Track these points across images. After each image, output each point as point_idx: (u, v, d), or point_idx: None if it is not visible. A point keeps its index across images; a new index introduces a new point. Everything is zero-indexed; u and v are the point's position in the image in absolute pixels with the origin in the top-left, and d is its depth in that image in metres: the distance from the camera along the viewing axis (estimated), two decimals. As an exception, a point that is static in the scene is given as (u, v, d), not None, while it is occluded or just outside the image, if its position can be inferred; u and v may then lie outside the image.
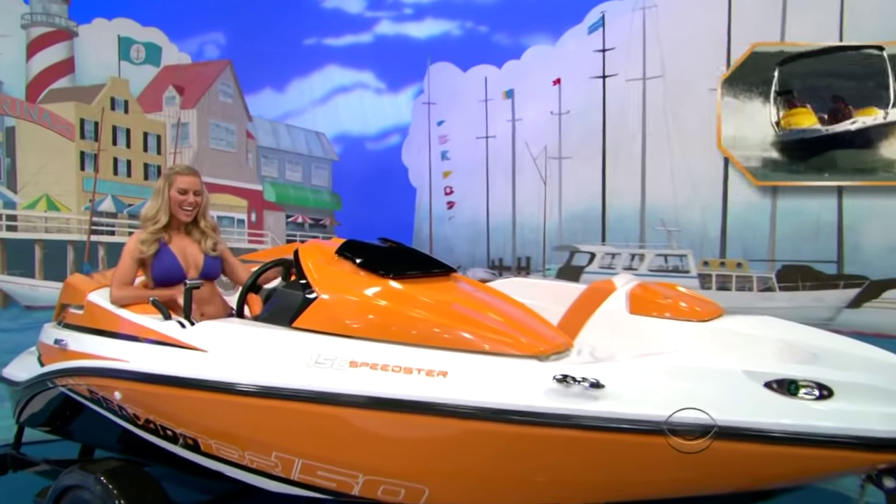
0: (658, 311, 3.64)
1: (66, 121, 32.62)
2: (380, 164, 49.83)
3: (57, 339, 4.30)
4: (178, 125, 36.84)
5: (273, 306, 3.47)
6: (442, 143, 45.86)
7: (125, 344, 3.69)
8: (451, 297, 3.28)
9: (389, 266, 3.36)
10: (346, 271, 3.36)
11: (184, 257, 3.98)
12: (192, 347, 3.36)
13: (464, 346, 2.91)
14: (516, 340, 2.94)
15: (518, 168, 39.39)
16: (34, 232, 29.86)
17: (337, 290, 3.25)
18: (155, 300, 3.66)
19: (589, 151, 32.44)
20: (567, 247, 28.65)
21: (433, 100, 45.91)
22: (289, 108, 51.85)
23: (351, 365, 2.93)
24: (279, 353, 3.11)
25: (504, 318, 3.16)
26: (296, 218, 47.17)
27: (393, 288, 3.23)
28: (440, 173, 46.23)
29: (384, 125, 54.52)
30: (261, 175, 44.74)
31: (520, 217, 39.32)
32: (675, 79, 26.86)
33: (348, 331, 3.08)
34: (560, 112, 36.16)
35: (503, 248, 40.12)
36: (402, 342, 2.96)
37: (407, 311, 3.07)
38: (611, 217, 31.29)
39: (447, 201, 46.81)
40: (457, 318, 3.05)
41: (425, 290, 3.24)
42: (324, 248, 3.60)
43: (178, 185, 3.96)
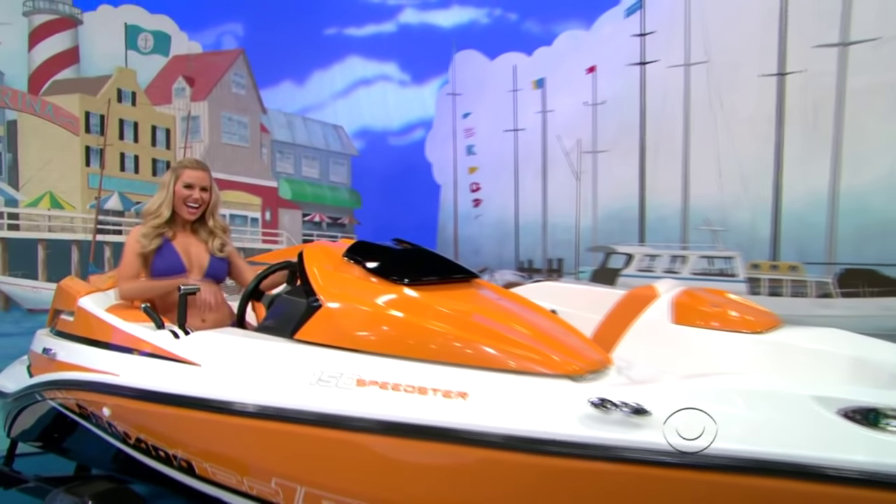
0: (706, 321, 3.54)
1: (70, 114, 33.02)
2: (402, 160, 50.50)
3: (45, 348, 4.27)
4: (188, 118, 37.23)
5: (274, 315, 3.39)
6: (468, 136, 46.33)
7: (115, 355, 3.63)
8: (472, 307, 3.15)
9: (403, 271, 3.25)
10: (355, 277, 3.26)
11: (187, 256, 3.91)
12: (184, 361, 3.29)
13: (486, 364, 2.77)
14: (546, 357, 2.79)
15: (549, 163, 39.50)
16: (37, 231, 30.23)
17: (344, 297, 3.14)
18: (147, 307, 3.58)
19: (626, 145, 32.12)
20: (602, 248, 28.48)
21: (459, 90, 46.25)
22: (309, 101, 52.61)
23: (358, 384, 2.82)
24: (278, 368, 3.03)
25: (532, 330, 3.01)
26: (313, 216, 47.72)
27: (407, 296, 3.11)
28: (466, 169, 46.66)
29: (408, 119, 55.00)
30: (275, 171, 45.33)
31: (551, 216, 39.59)
32: (723, 64, 26.29)
33: (356, 344, 2.97)
34: (595, 102, 35.96)
35: (533, 248, 40.43)
36: (416, 358, 2.85)
37: (422, 322, 2.94)
38: (650, 216, 31.08)
39: (473, 199, 47.42)
40: (479, 330, 2.91)
41: (443, 299, 3.12)
42: (330, 250, 3.50)
43: (184, 179, 3.91)
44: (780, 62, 26.67)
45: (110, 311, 3.92)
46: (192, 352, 3.32)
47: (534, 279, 37.17)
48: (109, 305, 3.99)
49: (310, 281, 3.24)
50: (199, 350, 3.32)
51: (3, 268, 27.83)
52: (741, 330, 3.46)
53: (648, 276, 23.32)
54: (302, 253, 3.44)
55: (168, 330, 3.49)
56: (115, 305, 3.99)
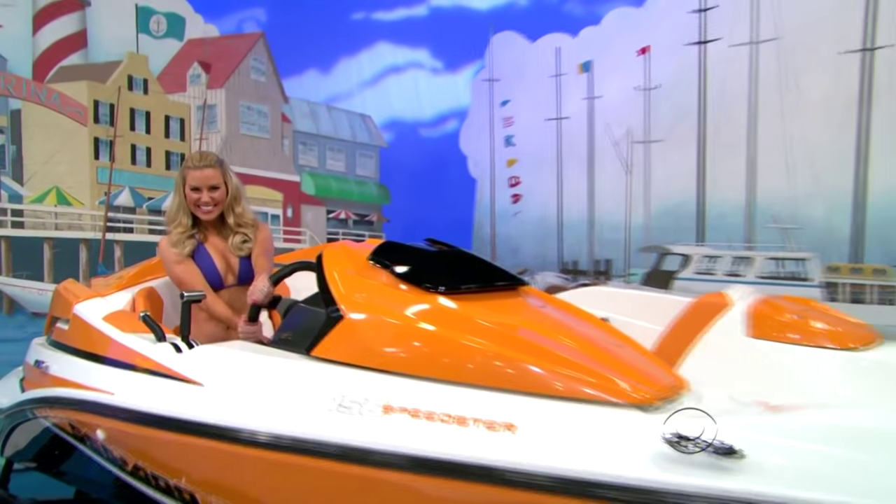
0: (788, 335, 3.41)
1: (77, 103, 33.35)
2: (434, 153, 50.59)
3: (38, 360, 4.30)
4: (204, 107, 37.49)
5: (289, 327, 3.33)
6: (506, 126, 46.28)
7: (110, 371, 3.59)
8: (520, 320, 3.05)
9: (438, 277, 3.16)
10: (382, 283, 3.18)
11: (222, 260, 3.95)
12: (185, 379, 3.22)
13: (538, 390, 2.63)
14: (610, 382, 2.64)
15: (596, 154, 39.33)
16: (43, 229, 30.56)
17: (368, 307, 3.05)
18: (146, 315, 3.52)
19: (683, 133, 31.79)
20: (655, 248, 28.26)
21: (496, 76, 46.22)
22: (334, 90, 53.02)
23: (385, 411, 2.70)
24: (291, 390, 2.94)
25: (592, 349, 2.88)
26: (338, 213, 47.92)
27: (442, 307, 3.02)
28: (504, 162, 46.63)
29: (440, 109, 55.22)
30: (298, 164, 45.50)
31: (598, 212, 39.49)
32: (796, 41, 25.70)
33: (383, 363, 2.86)
34: (647, 87, 35.69)
35: (578, 248, 40.37)
36: (453, 381, 2.72)
37: (461, 338, 2.82)
38: (710, 212, 30.81)
39: (512, 194, 47.41)
40: (528, 349, 2.78)
41: (486, 311, 3.02)
42: (354, 251, 3.45)
43: (189, 181, 3.91)
44: (866, 36, 26.03)
45: (108, 319, 3.87)
46: (194, 369, 3.24)
47: (579, 282, 36.89)
48: (108, 313, 3.96)
49: (329, 287, 3.15)
50: (202, 367, 3.24)
51: (6, 268, 28.19)
52: (831, 346, 3.31)
53: (708, 280, 23.05)
54: (321, 255, 3.36)
55: (169, 343, 3.42)
56: (115, 313, 3.96)
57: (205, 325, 3.87)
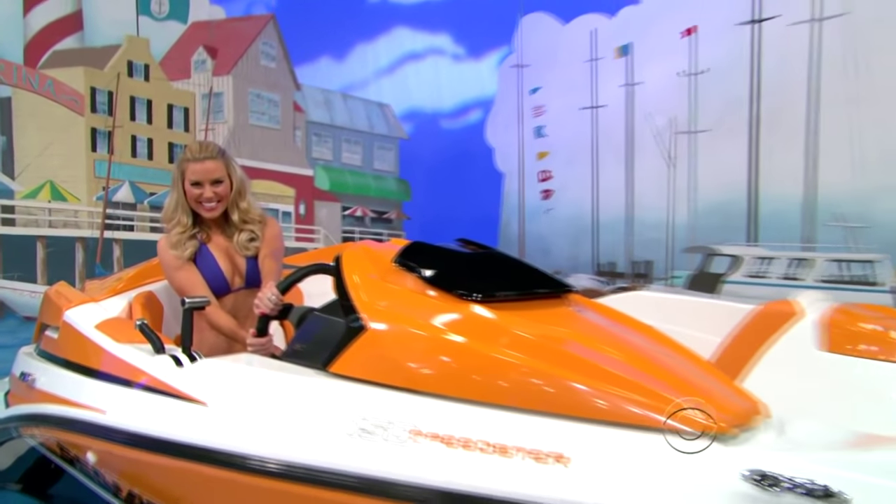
0: (868, 349, 3.33)
1: (73, 90, 33.58)
2: (457, 145, 50.53)
3: (24, 373, 4.30)
4: (209, 95, 37.65)
5: (303, 338, 3.29)
6: (536, 115, 46.20)
7: (102, 387, 3.55)
8: (567, 333, 2.96)
9: (473, 282, 3.09)
10: (409, 290, 3.12)
11: (227, 261, 3.94)
12: (185, 397, 3.17)
13: (591, 415, 2.56)
14: (676, 407, 2.54)
15: (636, 146, 39.19)
16: (35, 227, 30.78)
17: (394, 317, 2.99)
18: (142, 324, 3.47)
19: (733, 122, 31.54)
20: (701, 248, 28.22)
21: (525, 61, 46.11)
22: (349, 79, 53.10)
23: (414, 436, 2.64)
24: (306, 412, 2.89)
25: (654, 367, 2.77)
26: (354, 210, 48.00)
27: (478, 317, 2.94)
28: (534, 155, 46.49)
29: (463, 98, 55.14)
30: (311, 157, 45.57)
31: (638, 210, 39.37)
32: (866, 17, 25.35)
33: (411, 382, 2.80)
34: (693, 72, 35.44)
35: (615, 249, 40.31)
36: (493, 404, 2.65)
37: (500, 353, 2.74)
38: (763, 209, 30.64)
39: (543, 190, 47.30)
40: (579, 366, 2.70)
41: (529, 321, 2.94)
42: (376, 253, 3.42)
43: (189, 175, 3.87)
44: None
45: (101, 328, 3.83)
46: (196, 385, 3.19)
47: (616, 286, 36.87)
48: (101, 320, 3.93)
49: (349, 294, 3.11)
50: (206, 383, 3.20)
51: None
52: None
53: (761, 284, 22.92)
54: (340, 257, 3.32)
55: (169, 355, 3.36)
56: (109, 321, 3.93)
57: (208, 335, 3.84)
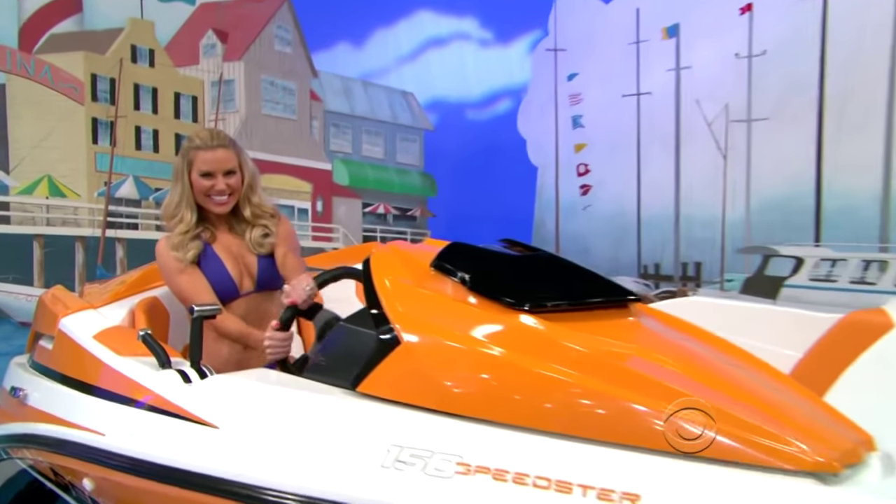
0: None
1: (72, 77, 33.75)
2: (486, 137, 50.52)
3: (14, 387, 4.25)
4: (220, 83, 37.76)
5: (328, 351, 3.24)
6: (573, 104, 46.06)
7: (101, 405, 3.48)
8: (634, 349, 2.84)
9: (523, 289, 3.00)
10: (449, 297, 3.02)
11: (234, 261, 3.86)
12: (194, 419, 3.09)
13: (667, 447, 2.44)
14: (770, 438, 2.40)
15: (684, 137, 38.95)
16: (32, 225, 30.93)
17: (432, 329, 2.89)
18: (146, 335, 3.39)
19: (795, 109, 31.16)
20: (759, 248, 27.99)
21: (562, 45, 45.96)
22: (368, 66, 53.28)
23: (460, 469, 2.53)
24: (332, 438, 2.79)
25: (741, 391, 2.63)
26: (375, 207, 48.08)
27: (530, 329, 2.84)
28: (571, 147, 46.35)
29: (490, 87, 55.15)
30: (329, 150, 45.64)
31: (686, 206, 39.18)
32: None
33: (454, 405, 2.69)
34: (751, 53, 35.10)
35: (660, 249, 40.15)
36: (551, 432, 2.54)
37: (556, 372, 2.63)
38: (830, 205, 30.32)
39: (581, 185, 47.21)
40: (650, 389, 2.56)
41: (587, 335, 2.84)
42: (410, 255, 3.32)
43: (199, 166, 3.78)
44: None
45: (100, 338, 3.76)
46: (206, 405, 3.11)
47: (662, 290, 36.54)
48: (100, 330, 3.86)
49: (381, 302, 3.01)
50: (217, 403, 3.12)
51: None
52: None
53: (828, 289, 22.61)
54: (369, 259, 3.23)
55: (176, 370, 3.29)
56: (109, 330, 3.87)
57: (219, 347, 3.75)
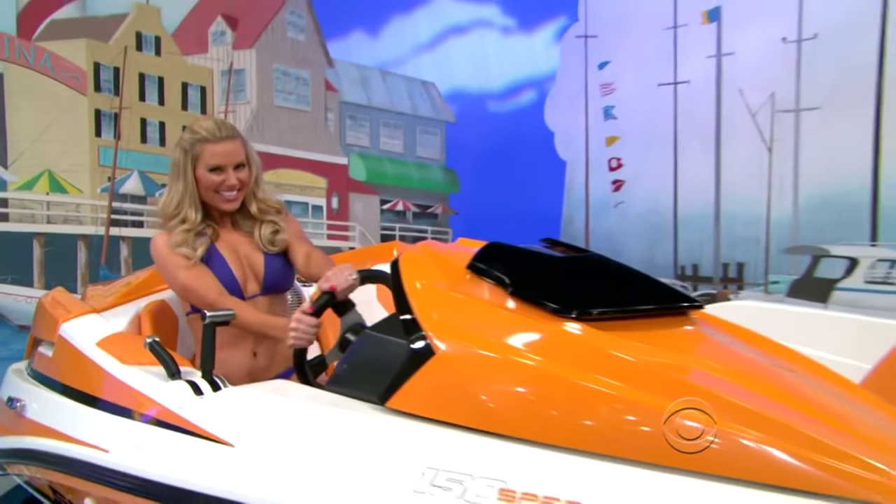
0: None
1: (74, 66, 33.85)
2: (509, 130, 50.33)
3: (11, 398, 4.25)
4: (229, 72, 37.82)
5: (353, 361, 3.16)
6: (605, 94, 45.88)
7: (105, 419, 3.44)
8: (697, 361, 2.76)
9: (569, 293, 2.94)
10: (488, 303, 2.96)
11: (237, 261, 3.80)
12: (206, 435, 3.01)
13: (738, 473, 2.36)
14: (860, 465, 2.30)
15: (726, 128, 38.77)
16: (32, 222, 31.02)
17: (470, 338, 2.81)
18: (153, 342, 3.32)
19: (849, 97, 30.91)
20: (808, 248, 27.83)
21: (592, 31, 45.71)
22: (385, 56, 53.21)
23: (502, 496, 2.44)
24: (360, 458, 2.71)
25: (819, 409, 2.55)
26: (394, 204, 48.03)
27: (578, 338, 2.77)
28: (602, 140, 46.16)
29: (514, 77, 54.94)
30: (345, 144, 45.62)
31: (728, 203, 39.01)
32: None
33: (493, 422, 2.62)
34: (800, 38, 34.83)
35: (699, 249, 39.99)
36: (603, 454, 2.48)
37: (608, 387, 2.57)
38: (888, 202, 30.02)
39: (612, 180, 47.03)
40: (722, 407, 2.46)
41: (643, 346, 2.75)
42: (443, 257, 3.28)
43: (206, 160, 3.68)
44: None
45: (104, 345, 3.70)
46: (220, 420, 3.03)
47: (701, 292, 36.25)
48: (104, 336, 3.78)
49: (413, 308, 2.95)
50: (232, 418, 3.04)
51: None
52: None
53: (886, 292, 22.38)
54: (398, 261, 3.18)
55: (186, 381, 3.22)
56: (113, 336, 3.79)
57: (235, 354, 3.71)
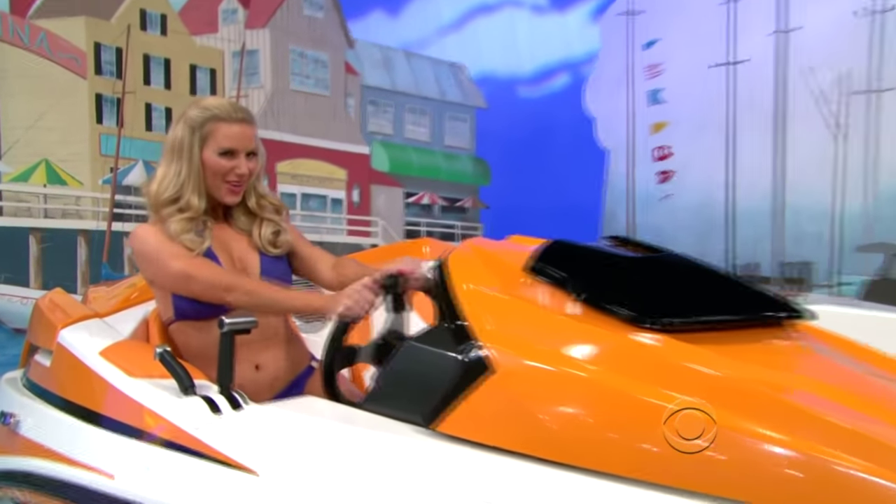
0: None
1: (73, 46, 33.96)
2: (543, 117, 50.24)
3: (4, 412, 4.17)
4: (241, 54, 37.83)
5: (391, 377, 3.05)
6: (651, 76, 45.80)
7: (109, 439, 3.32)
8: (803, 381, 2.69)
9: (650, 301, 2.84)
10: (552, 310, 2.88)
11: (230, 263, 3.65)
12: (226, 460, 2.90)
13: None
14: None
15: (790, 112, 38.46)
16: (28, 217, 31.11)
17: (533, 351, 2.71)
18: (164, 352, 3.17)
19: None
20: (885, 246, 27.54)
21: (638, 7, 45.50)
22: (406, 37, 53.25)
23: None
24: (406, 491, 2.63)
25: None
26: (420, 197, 48.12)
27: (660, 353, 2.67)
28: (648, 126, 46.02)
29: (546, 60, 54.85)
30: (367, 132, 45.69)
31: (792, 195, 38.78)
32: None
33: (562, 451, 2.54)
34: (877, 9, 34.60)
35: (757, 246, 39.78)
36: (693, 490, 2.40)
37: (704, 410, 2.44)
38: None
39: (660, 171, 46.96)
40: (829, 434, 2.39)
41: (740, 361, 2.66)
42: (497, 256, 3.22)
43: (219, 140, 3.51)
44: None
45: (109, 354, 3.54)
46: (241, 444, 2.92)
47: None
48: (108, 344, 3.63)
49: (463, 315, 2.86)
50: (256, 441, 2.93)
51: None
52: None
53: None
54: (445, 262, 3.12)
55: (201, 396, 3.09)
56: (118, 345, 3.65)
57: (261, 361, 3.57)
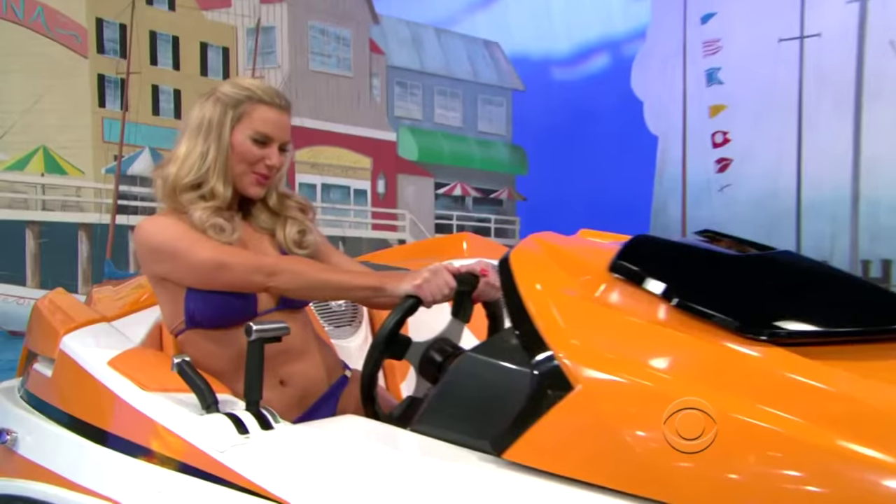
0: None
1: (73, 22, 34.14)
2: (583, 100, 50.22)
3: (0, 429, 4.09)
4: (256, 31, 37.93)
5: (448, 395, 2.94)
6: (709, 53, 45.73)
7: (119, 461, 3.26)
8: None
9: (763, 308, 2.64)
10: (642, 317, 2.69)
11: None
12: (255, 489, 2.80)
13: None
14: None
15: (868, 92, 38.19)
16: (24, 209, 31.29)
17: (621, 366, 2.54)
18: (183, 362, 3.12)
19: None
20: None
21: (694, -24, 45.14)
22: (431, 14, 53.40)
23: None
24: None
25: None
26: (451, 188, 48.22)
27: (773, 369, 2.48)
28: (705, 109, 45.94)
29: (584, 38, 55.01)
30: (394, 116, 45.76)
31: (868, 186, 38.59)
32: None
33: (660, 488, 2.38)
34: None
35: (830, 242, 39.60)
36: None
37: (833, 438, 2.29)
38: None
39: (718, 159, 46.96)
40: None
41: (872, 380, 2.47)
42: (569, 253, 3.02)
43: (255, 125, 3.47)
44: None
45: (118, 364, 3.48)
46: (273, 470, 2.83)
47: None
48: (118, 353, 3.57)
49: (535, 324, 2.68)
50: (290, 468, 2.83)
51: (-27, 268, 28.85)
52: None
53: None
54: (509, 258, 2.94)
55: (225, 414, 3.01)
56: (128, 353, 3.58)
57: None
